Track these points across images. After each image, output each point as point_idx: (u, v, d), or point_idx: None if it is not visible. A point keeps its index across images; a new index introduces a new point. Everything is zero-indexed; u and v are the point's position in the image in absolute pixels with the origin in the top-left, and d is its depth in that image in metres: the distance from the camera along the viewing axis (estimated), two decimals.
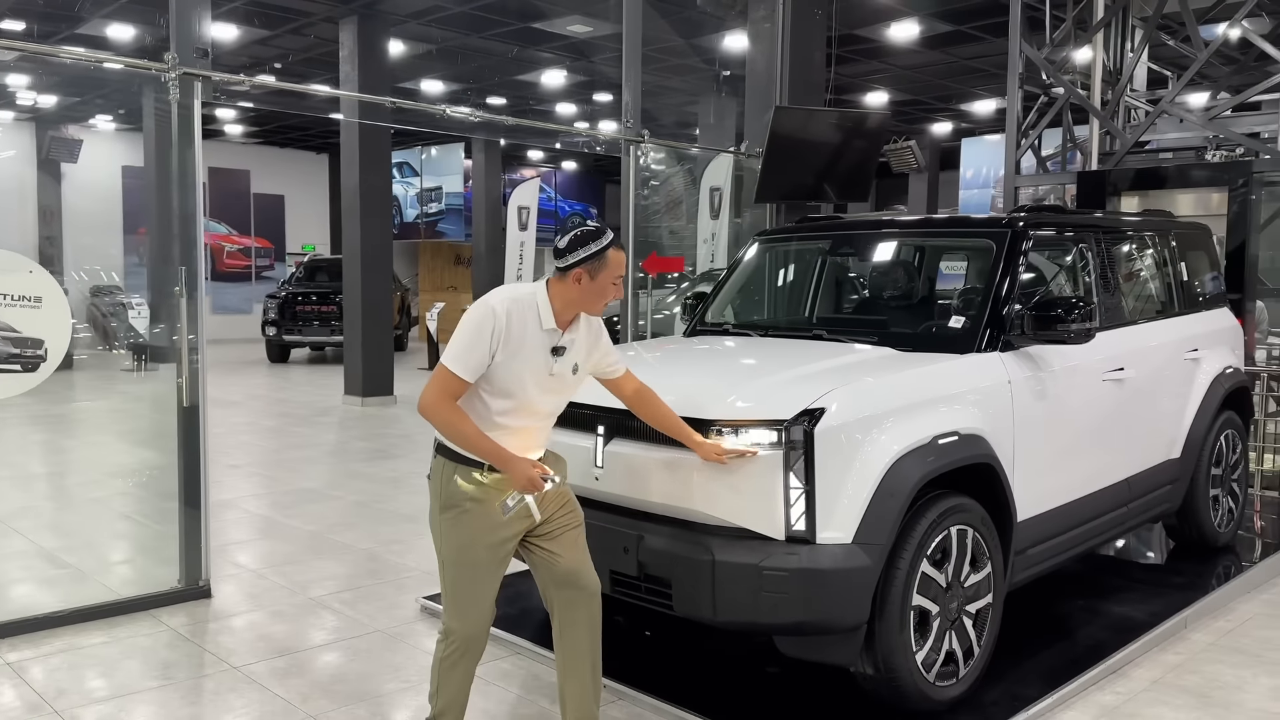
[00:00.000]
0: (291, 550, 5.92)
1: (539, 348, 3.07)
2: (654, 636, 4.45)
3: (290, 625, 4.66)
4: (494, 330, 2.98)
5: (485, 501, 3.05)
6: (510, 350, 3.01)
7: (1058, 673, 3.99)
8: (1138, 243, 5.29)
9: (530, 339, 3.05)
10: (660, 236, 11.10)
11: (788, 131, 7.20)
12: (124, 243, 21.14)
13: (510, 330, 3.00)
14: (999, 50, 13.90)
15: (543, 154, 25.75)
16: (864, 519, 3.38)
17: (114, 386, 14.44)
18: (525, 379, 3.06)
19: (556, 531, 3.23)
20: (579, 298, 3.12)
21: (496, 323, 2.98)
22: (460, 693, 3.22)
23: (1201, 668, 4.23)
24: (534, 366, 3.07)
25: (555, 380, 3.14)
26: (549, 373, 3.10)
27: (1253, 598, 5.12)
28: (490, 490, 3.05)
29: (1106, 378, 4.57)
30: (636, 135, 6.79)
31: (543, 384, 3.11)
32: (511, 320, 3.01)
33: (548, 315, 3.08)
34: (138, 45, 12.88)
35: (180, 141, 4.89)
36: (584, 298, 3.12)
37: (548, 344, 3.09)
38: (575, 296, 3.11)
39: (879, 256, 4.86)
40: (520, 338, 3.02)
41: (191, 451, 4.99)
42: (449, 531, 3.10)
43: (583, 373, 3.25)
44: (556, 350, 3.10)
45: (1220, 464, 5.49)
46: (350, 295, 12.59)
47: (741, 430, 3.46)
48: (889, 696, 3.54)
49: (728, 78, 14.70)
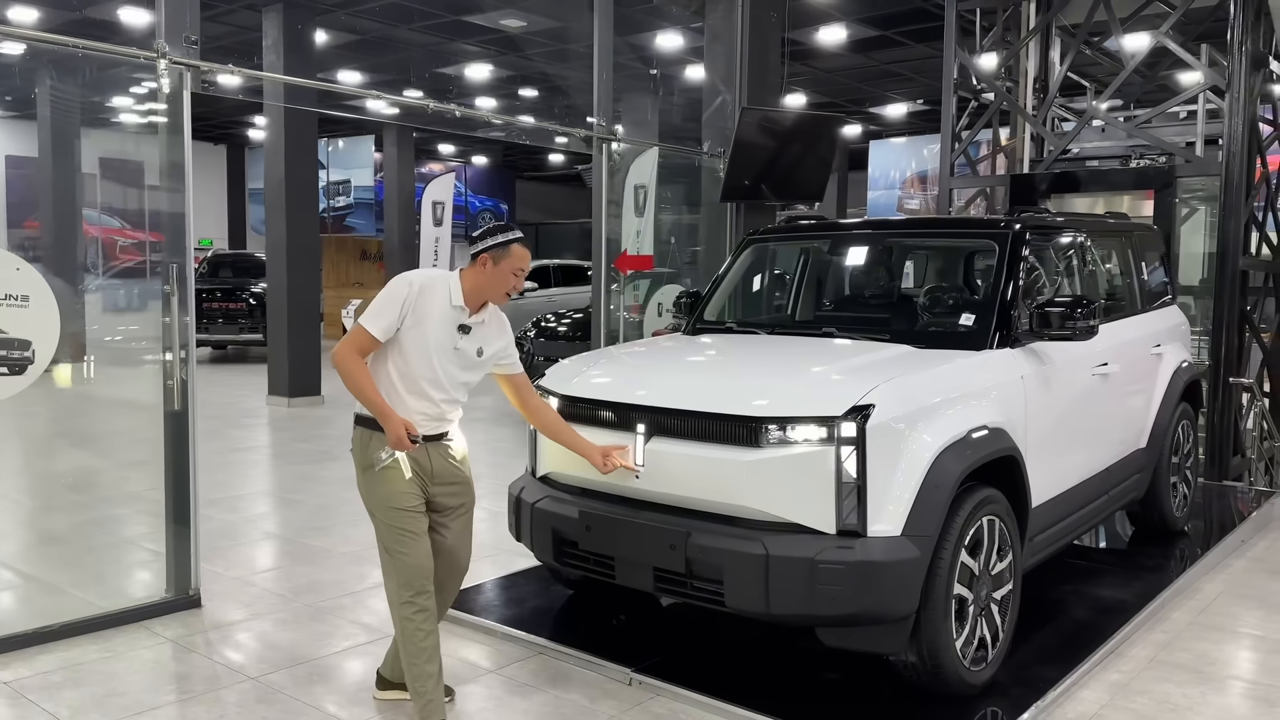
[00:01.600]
0: (269, 556, 5.74)
1: (445, 321, 3.47)
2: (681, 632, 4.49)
3: (297, 632, 4.53)
4: (406, 297, 3.41)
5: (395, 462, 3.44)
6: (418, 317, 3.43)
7: (1067, 654, 4.19)
8: (1111, 243, 5.57)
9: (438, 311, 3.45)
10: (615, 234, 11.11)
11: (753, 132, 7.31)
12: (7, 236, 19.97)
13: (421, 299, 3.43)
14: (918, 55, 14.37)
15: (454, 148, 25.40)
16: (912, 512, 3.49)
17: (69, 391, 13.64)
18: (430, 348, 3.45)
19: (452, 512, 3.65)
20: (485, 282, 3.52)
21: (410, 290, 3.42)
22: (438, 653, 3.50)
23: (1189, 645, 4.50)
24: (439, 337, 3.46)
25: (459, 356, 3.52)
26: (453, 346, 3.49)
27: (1214, 578, 5.46)
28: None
29: (1095, 372, 4.82)
30: (608, 133, 6.80)
31: (447, 356, 3.49)
32: (424, 292, 3.44)
33: (457, 293, 3.49)
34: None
35: (169, 133, 4.69)
36: (489, 282, 3.52)
37: (454, 320, 3.49)
38: (482, 281, 3.52)
39: (883, 257, 5.00)
40: (428, 308, 3.44)
41: (180, 457, 4.80)
42: (371, 489, 3.51)
43: (487, 358, 3.62)
44: (463, 328, 3.51)
45: (1178, 453, 5.84)
46: (275, 292, 12.21)
47: (790, 426, 3.53)
48: (931, 683, 3.66)
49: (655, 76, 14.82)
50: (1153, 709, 3.83)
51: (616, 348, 4.82)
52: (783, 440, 3.53)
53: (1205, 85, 8.46)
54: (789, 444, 3.53)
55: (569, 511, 4.01)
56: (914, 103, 17.60)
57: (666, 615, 4.71)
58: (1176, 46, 8.34)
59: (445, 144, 24.81)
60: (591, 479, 3.98)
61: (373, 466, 3.47)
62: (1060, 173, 9.19)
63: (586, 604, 4.81)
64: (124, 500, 6.96)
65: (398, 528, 3.47)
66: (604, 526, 3.88)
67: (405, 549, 3.47)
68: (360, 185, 22.51)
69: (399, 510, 3.46)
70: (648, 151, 16.91)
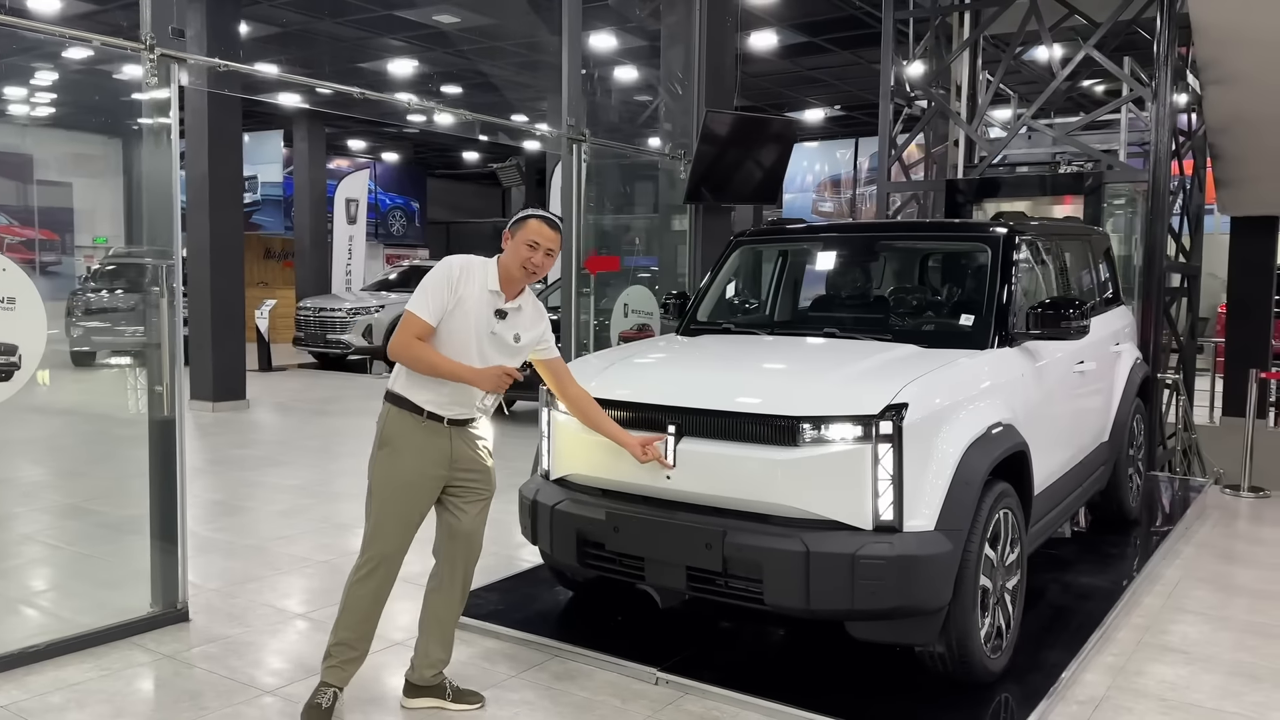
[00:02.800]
0: (245, 566, 5.55)
1: (483, 305, 3.53)
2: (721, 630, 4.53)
3: (303, 644, 4.40)
4: (450, 279, 3.47)
5: (416, 443, 3.52)
6: (461, 296, 3.48)
7: (1064, 640, 4.38)
8: (1076, 246, 5.84)
9: (476, 295, 3.51)
10: None
11: (716, 134, 7.39)
12: None
13: (463, 282, 3.49)
14: (841, 62, 14.75)
15: (364, 143, 24.85)
16: (944, 507, 3.61)
17: None
18: (469, 334, 3.50)
19: (471, 496, 3.67)
20: (507, 257, 3.58)
21: (451, 273, 3.49)
22: (367, 618, 3.59)
23: (1168, 628, 4.75)
24: (478, 322, 3.51)
25: (496, 341, 3.55)
26: (491, 330, 3.54)
27: (1170, 564, 5.77)
28: (422, 434, 3.53)
29: (1075, 369, 5.05)
30: (579, 134, 6.78)
31: (485, 340, 3.53)
32: (465, 274, 3.51)
33: (493, 278, 3.56)
34: None
35: (156, 130, 4.50)
36: (509, 257, 3.58)
37: (491, 304, 3.54)
38: (506, 258, 3.58)
39: (877, 259, 5.13)
40: (468, 292, 3.50)
41: (169, 463, 4.61)
42: (383, 464, 3.57)
43: (525, 345, 3.65)
44: (500, 313, 3.56)
45: (1133, 445, 6.15)
46: (198, 293, 11.74)
47: (826, 425, 3.61)
48: (957, 672, 3.79)
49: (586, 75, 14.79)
50: (1155, 688, 4.05)
51: (622, 350, 4.82)
52: (820, 439, 3.61)
53: (1132, 97, 8.93)
54: (826, 442, 3.60)
55: (594, 513, 4.00)
56: (831, 108, 18.00)
57: (672, 614, 4.74)
58: (1106, 61, 8.76)
59: (356, 139, 24.26)
60: (618, 480, 3.99)
61: (398, 449, 3.53)
62: (994, 178, 9.56)
63: (590, 605, 4.81)
64: (103, 510, 6.63)
65: (394, 512, 3.56)
66: (634, 527, 3.89)
67: (389, 533, 3.56)
68: (268, 181, 21.88)
69: (402, 498, 3.55)
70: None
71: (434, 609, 3.75)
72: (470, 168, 27.73)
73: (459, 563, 3.72)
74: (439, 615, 3.75)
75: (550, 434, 4.33)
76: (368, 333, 16.01)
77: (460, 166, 27.98)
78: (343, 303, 16.56)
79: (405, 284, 17.74)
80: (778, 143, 7.93)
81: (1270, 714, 3.85)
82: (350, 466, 8.32)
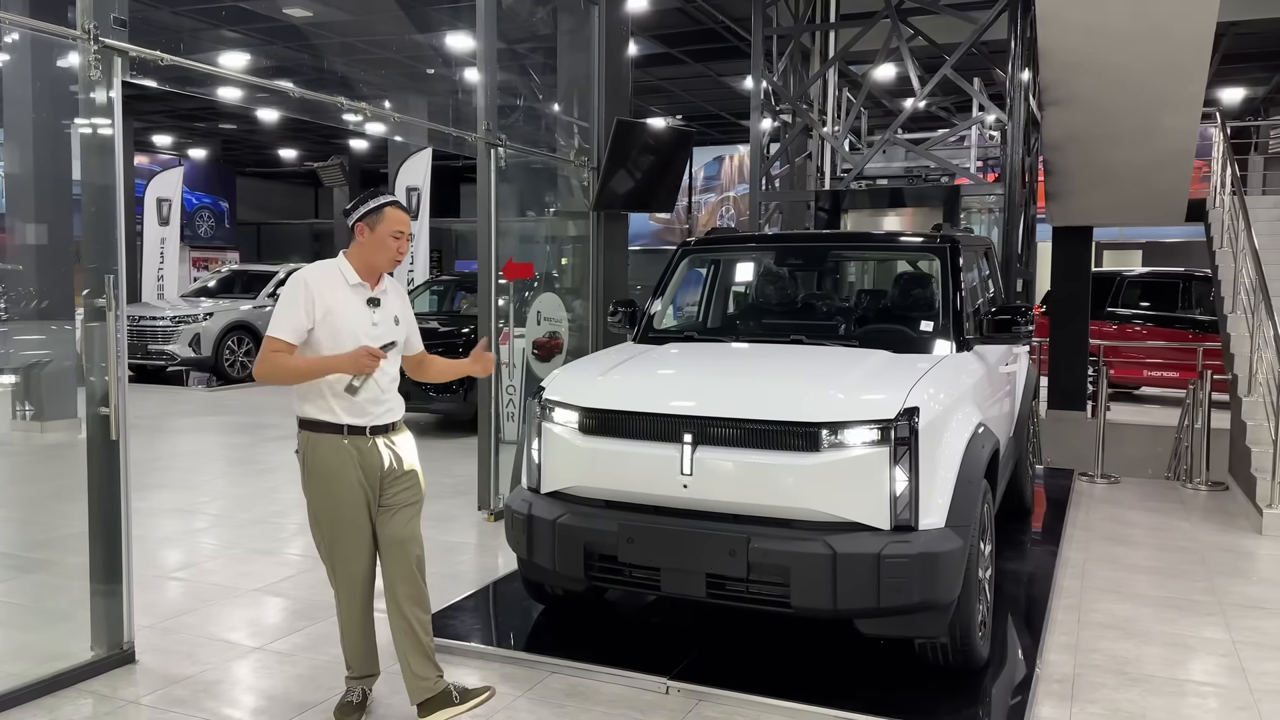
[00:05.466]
0: (169, 600, 5.12)
1: (353, 303, 3.48)
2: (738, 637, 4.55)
3: (272, 680, 4.11)
4: (303, 294, 3.41)
5: (340, 462, 3.45)
6: (324, 308, 3.41)
7: (1019, 623, 4.70)
8: (988, 257, 6.26)
9: (340, 296, 3.46)
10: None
11: (625, 143, 7.44)
12: None
13: (319, 291, 3.42)
14: (691, 74, 15.09)
15: (171, 139, 23.25)
16: (952, 504, 3.81)
17: None
18: (348, 334, 3.43)
19: (398, 506, 3.58)
20: (366, 251, 3.50)
21: (305, 288, 3.42)
22: (364, 636, 3.64)
23: (1095, 606, 5.18)
24: (355, 321, 3.46)
25: (381, 329, 3.51)
26: (371, 322, 3.49)
27: (1069, 547, 6.28)
28: (343, 451, 3.45)
29: (1002, 370, 5.42)
30: (495, 138, 6.67)
31: (368, 334, 3.46)
32: (318, 285, 3.44)
33: (350, 272, 3.50)
34: None
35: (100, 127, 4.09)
36: (370, 251, 3.50)
37: (360, 297, 3.50)
38: (364, 251, 3.50)
39: (834, 268, 5.32)
40: (330, 297, 3.43)
41: (112, 491, 4.21)
42: (316, 492, 3.52)
43: (404, 325, 3.63)
44: (372, 301, 3.52)
45: (1029, 440, 6.66)
46: None
47: (845, 430, 3.74)
48: (957, 661, 3.99)
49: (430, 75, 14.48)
50: (1112, 663, 4.41)
51: (599, 358, 4.77)
52: (839, 443, 3.73)
53: (986, 114, 9.63)
54: (845, 447, 3.73)
55: (605, 526, 3.96)
56: (673, 118, 18.37)
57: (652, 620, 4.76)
58: (964, 82, 9.41)
59: (162, 134, 22.67)
60: (628, 491, 3.97)
61: (325, 474, 3.46)
62: (864, 190, 10.07)
63: (564, 617, 4.74)
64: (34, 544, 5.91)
65: (342, 542, 3.52)
66: (650, 538, 3.88)
67: (348, 562, 3.54)
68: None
69: (344, 526, 3.50)
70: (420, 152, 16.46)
71: (400, 625, 3.57)
72: (286, 166, 26.47)
73: (405, 569, 3.56)
74: (408, 628, 3.57)
75: (541, 447, 4.25)
76: (195, 342, 15.00)
77: (274, 165, 26.66)
78: (165, 311, 15.46)
79: (227, 290, 16.74)
80: (680, 151, 8.07)
81: (1217, 677, 4.29)
82: (220, 488, 7.84)
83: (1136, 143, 9.64)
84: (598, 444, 4.05)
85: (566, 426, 4.15)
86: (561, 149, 7.94)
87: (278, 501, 7.38)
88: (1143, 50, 8.33)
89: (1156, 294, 14.87)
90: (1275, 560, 6.18)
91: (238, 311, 15.56)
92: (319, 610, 4.93)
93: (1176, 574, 5.78)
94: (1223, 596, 5.38)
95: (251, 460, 9.15)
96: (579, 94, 8.06)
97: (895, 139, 9.96)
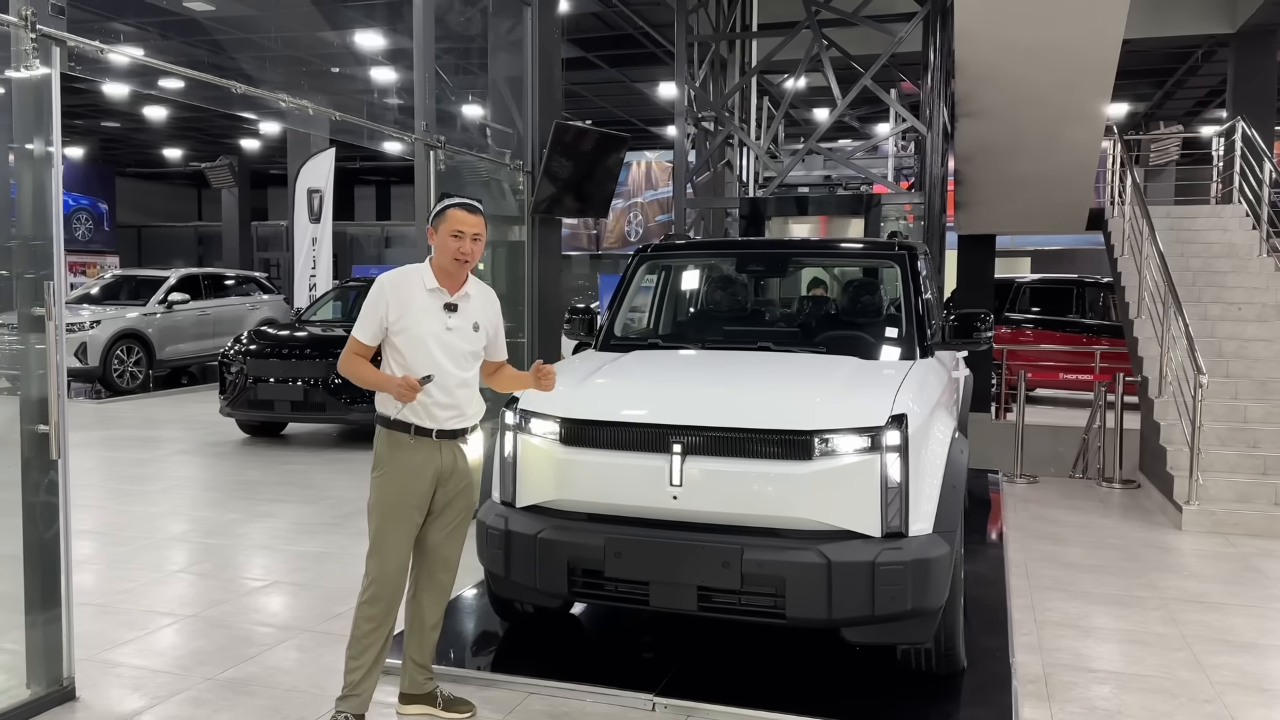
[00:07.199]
0: (99, 629, 4.77)
1: (429, 307, 3.53)
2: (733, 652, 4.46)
3: (234, 712, 3.86)
4: (380, 300, 3.52)
5: (405, 462, 3.53)
6: (399, 311, 3.49)
7: (984, 625, 4.77)
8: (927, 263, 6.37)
9: (417, 299, 3.53)
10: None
11: (563, 146, 7.33)
12: None
13: (396, 295, 3.51)
14: (605, 79, 15.02)
15: None
16: (938, 510, 3.83)
17: None
18: (423, 338, 3.49)
19: (454, 516, 3.69)
20: (436, 254, 3.59)
21: (382, 292, 3.53)
22: (370, 646, 3.56)
23: (1047, 605, 5.30)
24: (429, 325, 3.51)
25: (456, 335, 3.55)
26: (446, 327, 3.54)
27: (1009, 547, 6.44)
28: (409, 450, 3.54)
29: (954, 374, 5.52)
30: (434, 140, 6.47)
31: (441, 338, 3.51)
32: (396, 288, 3.53)
33: (429, 277, 3.57)
34: None
35: (36, 122, 3.77)
36: (438, 251, 3.59)
37: (437, 301, 3.55)
38: (436, 255, 3.59)
39: (795, 275, 5.31)
40: (407, 300, 3.51)
41: (49, 512, 3.88)
42: (376, 486, 3.59)
43: (484, 332, 3.66)
44: (449, 306, 3.56)
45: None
46: None
47: (836, 438, 3.72)
48: (940, 666, 4.02)
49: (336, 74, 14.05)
50: (1077, 661, 4.51)
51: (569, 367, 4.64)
52: (831, 451, 3.71)
53: (906, 126, 9.86)
54: (836, 455, 3.70)
55: (590, 540, 3.85)
56: (584, 122, 18.26)
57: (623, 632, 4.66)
58: (884, 94, 9.61)
59: None
60: (614, 504, 3.87)
61: (388, 471, 3.55)
62: (788, 197, 10.18)
63: (530, 634, 4.60)
64: None
65: (388, 532, 3.55)
66: (639, 551, 3.78)
67: (386, 553, 3.56)
68: None
69: (395, 518, 3.55)
70: (324, 153, 15.93)
71: (414, 616, 3.75)
72: (171, 166, 25.33)
73: (437, 573, 3.72)
74: (422, 626, 3.76)
75: (516, 459, 4.11)
76: (81, 352, 14.17)
77: (157, 165, 25.49)
78: None
79: (112, 296, 15.88)
80: (611, 157, 7.99)
81: (1177, 672, 4.42)
82: (140, 510, 7.38)
83: (1042, 154, 10.00)
84: (580, 456, 3.93)
85: (545, 438, 4.02)
86: (493, 151, 7.76)
87: (197, 520, 6.99)
88: (1049, 65, 8.65)
89: (1050, 300, 15.45)
90: (1200, 555, 6.46)
91: (126, 319, 14.79)
92: (265, 636, 4.68)
93: (1115, 571, 5.97)
94: (1163, 592, 5.58)
95: (158, 476, 8.66)
96: (513, 96, 7.91)
97: (816, 148, 10.10)
